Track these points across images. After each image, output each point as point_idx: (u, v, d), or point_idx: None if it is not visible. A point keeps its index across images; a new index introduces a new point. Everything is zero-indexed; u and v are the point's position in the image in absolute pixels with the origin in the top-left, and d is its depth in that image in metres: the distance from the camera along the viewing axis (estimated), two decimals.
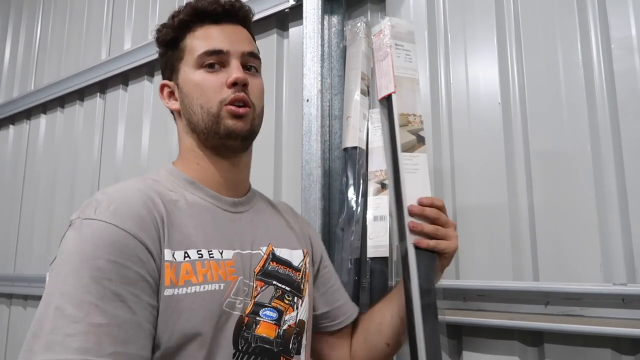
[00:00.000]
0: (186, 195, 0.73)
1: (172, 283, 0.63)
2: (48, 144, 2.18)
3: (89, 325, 0.55)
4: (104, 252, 0.59)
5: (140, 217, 0.63)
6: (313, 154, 1.17)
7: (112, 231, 0.60)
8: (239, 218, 0.77)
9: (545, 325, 0.90)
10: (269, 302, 0.73)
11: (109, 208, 0.63)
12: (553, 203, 0.96)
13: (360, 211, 1.10)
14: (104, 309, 0.56)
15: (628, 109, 0.91)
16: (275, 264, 0.77)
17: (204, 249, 0.68)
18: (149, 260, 0.62)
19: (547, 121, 0.99)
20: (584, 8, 0.98)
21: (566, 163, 0.96)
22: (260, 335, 0.70)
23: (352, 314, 0.92)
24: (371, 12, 1.29)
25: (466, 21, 1.13)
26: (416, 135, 0.82)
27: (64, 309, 0.56)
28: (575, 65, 0.97)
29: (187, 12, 0.77)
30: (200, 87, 0.73)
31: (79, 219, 0.62)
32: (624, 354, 0.87)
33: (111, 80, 1.93)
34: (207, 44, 0.74)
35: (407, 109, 0.82)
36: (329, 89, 1.23)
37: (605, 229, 0.90)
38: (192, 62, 0.75)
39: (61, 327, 0.55)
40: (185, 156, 0.78)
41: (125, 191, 0.68)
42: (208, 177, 0.76)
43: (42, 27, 2.38)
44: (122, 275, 0.59)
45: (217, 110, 0.72)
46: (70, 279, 0.58)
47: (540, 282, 0.95)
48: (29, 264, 2.12)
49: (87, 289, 0.57)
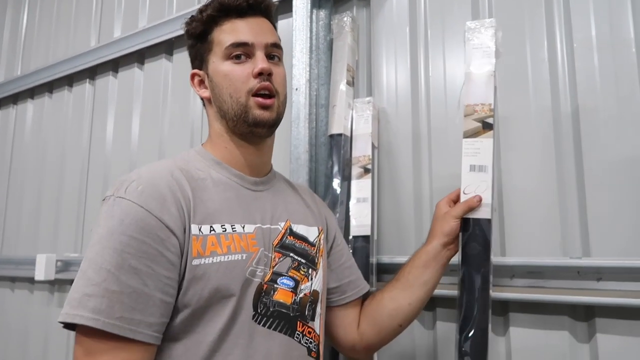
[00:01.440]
0: (212, 174, 0.81)
1: (199, 254, 0.71)
2: (35, 129, 2.20)
3: (105, 290, 0.64)
4: (127, 228, 0.67)
5: (163, 198, 0.71)
6: (301, 139, 1.25)
7: (137, 210, 0.68)
8: (261, 196, 0.85)
9: (511, 295, 1.00)
10: (286, 271, 0.81)
11: (137, 189, 0.70)
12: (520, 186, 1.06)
13: (344, 194, 1.18)
14: (119, 278, 0.65)
15: (587, 102, 1.01)
16: (292, 238, 0.85)
17: (227, 223, 0.76)
18: (169, 237, 0.69)
19: (516, 111, 1.08)
20: (550, 11, 1.08)
21: (532, 150, 1.05)
22: (278, 300, 0.78)
23: (361, 289, 0.98)
24: (357, 7, 1.37)
25: (445, 19, 1.22)
26: (482, 122, 0.91)
27: (85, 272, 0.66)
28: (541, 61, 1.07)
29: (215, 7, 0.83)
30: (229, 77, 0.80)
31: (113, 197, 0.71)
32: (578, 320, 0.98)
33: (101, 67, 1.96)
34: (234, 37, 0.81)
35: (474, 100, 0.92)
36: (317, 79, 1.31)
37: (564, 209, 1.01)
38: (220, 53, 0.82)
39: (81, 287, 0.65)
40: (215, 140, 0.86)
41: (154, 172, 0.75)
42: (234, 159, 0.84)
43: (29, 12, 2.38)
44: (141, 250, 0.67)
45: (245, 100, 0.79)
46: (96, 248, 0.67)
47: (506, 256, 1.05)
48: (17, 247, 2.14)
49: (108, 258, 0.65)
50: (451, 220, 0.90)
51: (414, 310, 0.92)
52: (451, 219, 0.90)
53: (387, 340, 0.96)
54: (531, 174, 1.05)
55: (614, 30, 1.00)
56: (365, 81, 1.33)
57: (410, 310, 0.92)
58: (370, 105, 1.22)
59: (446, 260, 0.91)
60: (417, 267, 0.91)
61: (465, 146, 0.90)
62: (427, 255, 0.91)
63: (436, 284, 0.92)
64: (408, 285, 0.91)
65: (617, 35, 0.99)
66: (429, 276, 0.90)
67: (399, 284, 0.93)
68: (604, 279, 0.92)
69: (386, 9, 1.30)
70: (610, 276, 0.92)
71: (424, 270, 0.90)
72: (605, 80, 0.99)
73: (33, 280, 1.88)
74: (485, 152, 0.89)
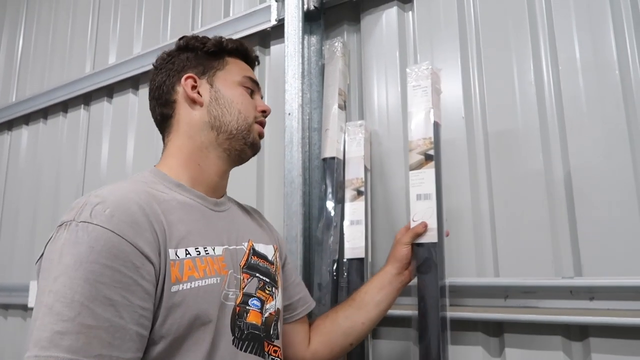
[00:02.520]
0: (175, 196, 0.78)
1: (177, 280, 0.68)
2: (30, 154, 2.21)
3: (80, 326, 0.58)
4: (99, 256, 0.61)
5: (136, 223, 0.66)
6: (294, 163, 1.26)
7: (108, 236, 0.62)
8: (223, 217, 0.85)
9: (505, 316, 1.01)
10: (255, 292, 0.82)
11: (105, 212, 0.64)
12: (511, 206, 1.07)
13: (338, 216, 1.19)
14: (94, 311, 0.59)
15: (574, 123, 1.03)
16: (256, 258, 0.86)
17: (200, 246, 0.75)
18: (144, 264, 0.64)
19: (505, 133, 1.10)
20: (535, 34, 1.11)
21: (521, 171, 1.07)
22: (251, 322, 0.78)
23: (309, 305, 1.02)
24: (347, 32, 1.40)
25: (434, 44, 1.24)
26: (424, 154, 0.99)
27: (53, 307, 0.58)
28: (528, 84, 1.09)
29: (238, 45, 0.91)
30: (244, 97, 0.87)
31: (74, 222, 0.63)
32: (572, 340, 0.98)
33: (96, 93, 1.98)
34: (250, 74, 0.91)
35: (417, 136, 1.01)
36: (309, 103, 1.33)
37: (555, 228, 1.02)
38: (237, 76, 0.88)
39: (50, 324, 0.57)
40: (182, 157, 0.83)
41: (119, 194, 0.69)
42: (198, 179, 0.83)
43: (25, 39, 2.41)
44: (115, 280, 0.61)
45: (251, 122, 0.87)
46: (62, 279, 0.59)
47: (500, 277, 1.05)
48: (10, 273, 2.13)
49: (80, 289, 0.59)
50: (401, 246, 0.97)
51: (366, 330, 0.97)
52: (401, 246, 0.97)
53: (337, 358, 0.99)
54: (521, 194, 1.06)
55: (597, 53, 1.02)
56: (357, 104, 1.35)
57: (363, 330, 0.96)
58: (362, 128, 1.24)
59: (400, 285, 0.97)
60: (372, 289, 0.97)
61: (412, 178, 1.00)
62: (382, 279, 0.97)
63: (389, 306, 0.98)
64: (363, 305, 0.96)
65: (601, 57, 1.02)
66: (383, 298, 0.96)
67: (355, 304, 0.97)
68: (596, 298, 0.93)
69: (376, 34, 1.33)
70: (603, 295, 0.92)
71: (379, 292, 0.96)
72: (590, 101, 1.01)
73: (27, 307, 1.87)
74: (429, 182, 0.97)
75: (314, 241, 1.25)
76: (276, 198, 1.40)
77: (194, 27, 1.72)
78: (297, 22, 1.32)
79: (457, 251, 1.11)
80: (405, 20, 1.31)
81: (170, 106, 0.85)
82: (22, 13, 2.45)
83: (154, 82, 0.88)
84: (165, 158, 0.85)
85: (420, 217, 0.97)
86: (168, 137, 0.86)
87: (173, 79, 0.86)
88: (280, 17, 1.41)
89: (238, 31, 1.52)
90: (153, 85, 0.88)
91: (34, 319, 0.60)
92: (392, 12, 1.32)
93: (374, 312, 0.96)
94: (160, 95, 0.86)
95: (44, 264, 0.63)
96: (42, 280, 0.62)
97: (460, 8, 1.22)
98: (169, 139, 0.86)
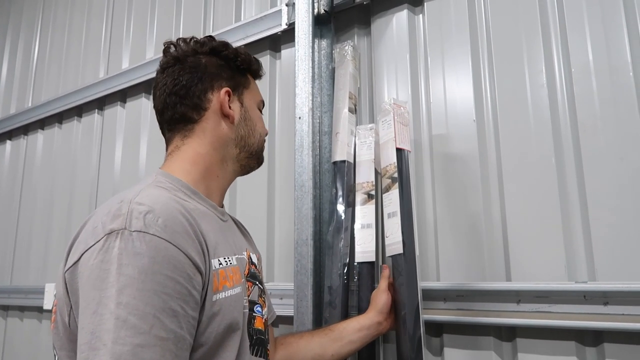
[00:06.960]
0: (197, 205, 0.76)
1: (216, 289, 0.70)
2: (46, 158, 2.24)
3: (155, 338, 0.57)
4: (161, 267, 0.60)
5: (187, 232, 0.65)
6: (305, 167, 1.26)
7: (166, 247, 0.62)
8: (228, 227, 0.87)
9: (518, 321, 0.99)
10: (257, 299, 0.85)
11: (157, 222, 0.63)
12: (523, 210, 1.06)
13: (349, 220, 1.19)
14: (164, 323, 0.59)
15: (587, 126, 1.02)
16: (254, 267, 0.89)
17: (225, 256, 0.76)
18: (195, 274, 0.65)
19: (516, 136, 1.09)
20: (547, 35, 1.10)
21: (534, 174, 1.06)
22: (258, 328, 0.81)
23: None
24: (358, 36, 1.40)
25: (444, 47, 1.24)
26: (391, 178, 1.09)
27: (127, 320, 0.57)
28: (540, 86, 1.08)
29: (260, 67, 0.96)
30: (261, 121, 0.94)
31: (126, 231, 0.61)
32: (586, 346, 0.97)
33: (109, 97, 2.01)
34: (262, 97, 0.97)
35: (386, 163, 1.12)
36: (319, 107, 1.33)
37: (568, 232, 1.01)
38: (257, 97, 0.94)
39: (128, 338, 0.56)
40: (205, 165, 0.82)
41: (161, 202, 0.67)
42: (214, 189, 0.85)
43: (41, 44, 2.46)
44: (176, 291, 0.61)
45: (263, 142, 0.94)
46: (129, 291, 0.58)
47: (512, 282, 1.04)
48: (26, 276, 2.16)
49: (150, 301, 0.58)
50: (380, 293, 1.04)
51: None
52: (380, 293, 1.04)
53: None
54: (534, 198, 1.05)
55: (611, 55, 1.01)
56: (367, 108, 1.35)
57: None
58: (373, 132, 1.23)
59: (377, 333, 1.02)
60: (351, 328, 1.01)
61: (384, 199, 1.11)
62: (362, 322, 1.02)
63: (360, 348, 1.03)
64: (339, 339, 1.00)
65: (615, 60, 1.01)
66: (357, 339, 1.00)
67: (332, 334, 1.01)
68: (611, 303, 0.91)
69: (387, 37, 1.33)
70: (618, 300, 0.91)
71: (356, 333, 1.01)
72: (603, 103, 1.00)
73: (42, 309, 1.90)
74: (395, 200, 1.07)
75: (324, 244, 1.25)
76: (287, 202, 1.40)
77: (206, 32, 1.74)
78: (307, 26, 1.33)
79: (468, 256, 1.10)
80: (416, 23, 1.31)
81: (199, 112, 0.83)
82: (37, 21, 2.50)
83: (177, 78, 0.82)
84: (180, 161, 0.82)
85: (391, 233, 1.07)
86: (184, 140, 0.83)
87: (205, 84, 0.83)
88: (291, 21, 1.41)
89: (249, 35, 1.53)
90: (177, 81, 0.82)
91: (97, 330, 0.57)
92: (402, 15, 1.32)
93: (345, 349, 0.99)
94: (187, 96, 0.82)
95: (96, 272, 0.60)
96: (95, 290, 0.59)
97: (472, 10, 1.21)
98: (186, 142, 0.82)
